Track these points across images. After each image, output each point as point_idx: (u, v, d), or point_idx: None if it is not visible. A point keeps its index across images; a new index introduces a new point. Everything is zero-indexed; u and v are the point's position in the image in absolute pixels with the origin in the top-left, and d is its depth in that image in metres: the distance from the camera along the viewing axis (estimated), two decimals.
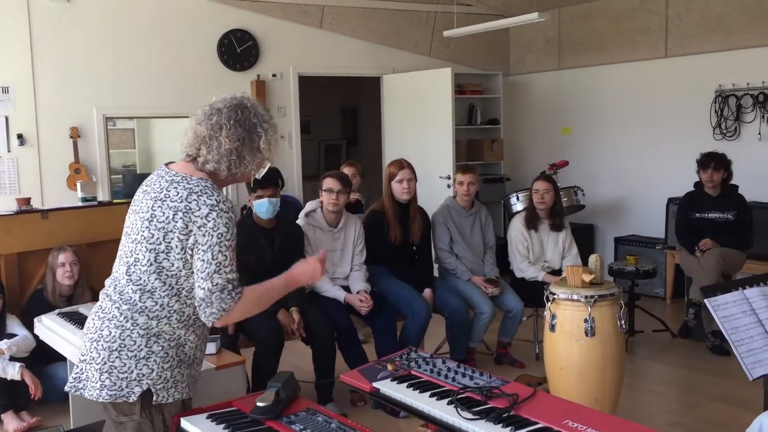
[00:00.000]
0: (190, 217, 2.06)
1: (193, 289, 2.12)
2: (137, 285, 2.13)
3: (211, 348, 2.78)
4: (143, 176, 2.37)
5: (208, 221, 2.05)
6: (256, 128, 2.16)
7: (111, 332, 2.13)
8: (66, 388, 2.26)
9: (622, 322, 3.54)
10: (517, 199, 6.58)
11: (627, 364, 4.25)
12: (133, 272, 2.14)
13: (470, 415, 2.08)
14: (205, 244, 2.05)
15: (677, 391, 4.59)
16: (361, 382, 2.42)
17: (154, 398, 2.14)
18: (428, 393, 2.27)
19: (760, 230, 5.47)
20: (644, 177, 7.02)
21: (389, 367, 2.47)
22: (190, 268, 2.10)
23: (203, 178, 2.14)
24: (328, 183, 4.33)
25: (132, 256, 2.15)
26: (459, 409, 2.11)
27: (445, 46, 7.64)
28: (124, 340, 2.12)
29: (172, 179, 2.15)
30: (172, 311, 2.13)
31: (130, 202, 2.26)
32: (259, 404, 2.15)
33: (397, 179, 4.51)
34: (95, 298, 4.33)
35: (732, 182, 5.37)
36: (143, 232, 2.12)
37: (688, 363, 4.97)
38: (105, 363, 2.12)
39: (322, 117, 9.92)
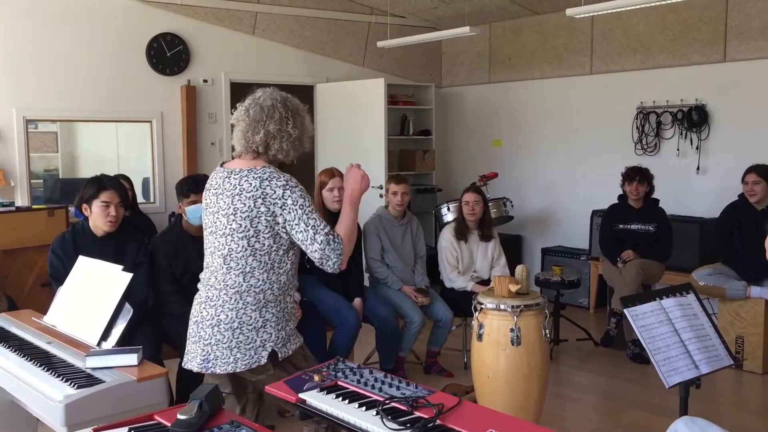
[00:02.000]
0: (269, 201, 2.45)
1: (284, 261, 2.55)
2: (238, 270, 2.52)
3: (132, 359, 2.70)
4: (66, 181, 2.35)
5: (286, 199, 2.45)
6: (299, 111, 2.59)
7: (228, 315, 2.54)
8: (197, 370, 2.60)
9: (547, 331, 3.62)
10: (448, 209, 6.65)
11: (551, 372, 4.35)
12: (231, 260, 2.53)
13: (396, 426, 2.09)
14: (294, 218, 2.46)
15: (599, 399, 4.72)
16: (287, 393, 2.39)
17: (280, 356, 2.58)
18: (355, 404, 2.26)
19: (678, 242, 5.70)
20: (570, 189, 7.21)
21: (316, 377, 2.45)
22: (281, 242, 2.52)
23: (266, 166, 2.50)
24: None
25: (225, 248, 2.54)
26: (384, 420, 2.12)
27: (378, 57, 7.69)
28: (241, 318, 2.53)
29: (239, 175, 2.50)
30: (272, 282, 2.55)
31: (49, 208, 2.23)
32: (181, 417, 2.10)
33: (328, 188, 4.50)
34: (11, 308, 4.16)
35: (653, 196, 5.58)
36: (230, 225, 2.50)
37: (609, 371, 5.12)
38: (231, 340, 2.54)
39: None
